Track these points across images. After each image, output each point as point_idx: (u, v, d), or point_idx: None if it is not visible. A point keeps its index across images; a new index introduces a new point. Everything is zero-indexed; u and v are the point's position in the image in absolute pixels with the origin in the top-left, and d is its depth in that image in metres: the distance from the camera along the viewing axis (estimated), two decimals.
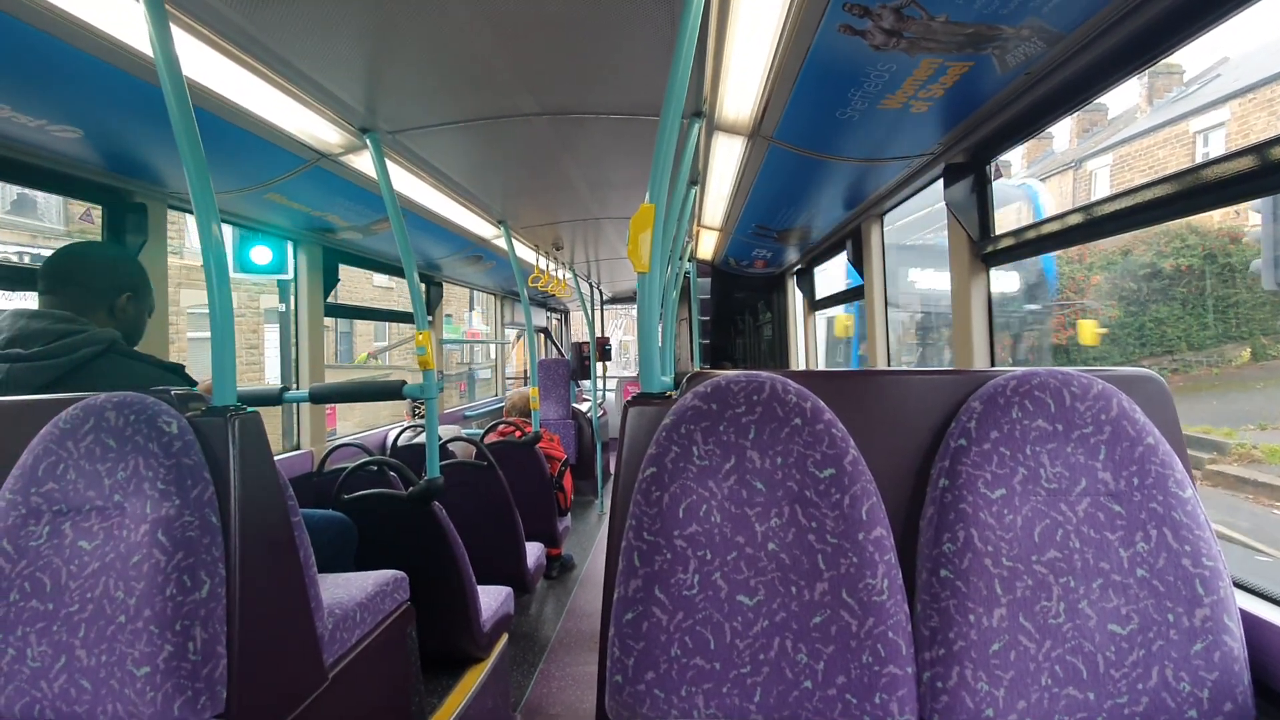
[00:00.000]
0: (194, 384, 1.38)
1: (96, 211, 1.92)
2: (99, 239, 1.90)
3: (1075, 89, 1.36)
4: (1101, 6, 1.09)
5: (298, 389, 2.38)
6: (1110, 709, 0.84)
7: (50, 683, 0.98)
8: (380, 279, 13.07)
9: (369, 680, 1.45)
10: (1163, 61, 1.28)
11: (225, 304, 1.14)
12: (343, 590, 1.47)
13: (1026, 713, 0.85)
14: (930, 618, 0.90)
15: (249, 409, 1.13)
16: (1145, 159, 10.64)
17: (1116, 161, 11.37)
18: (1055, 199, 11.74)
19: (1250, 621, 0.90)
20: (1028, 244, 1.63)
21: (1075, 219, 1.43)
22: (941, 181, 1.90)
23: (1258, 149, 0.98)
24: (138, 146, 1.67)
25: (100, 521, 1.02)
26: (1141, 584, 0.87)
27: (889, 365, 2.80)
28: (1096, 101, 1.43)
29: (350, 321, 13.37)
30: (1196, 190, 1.10)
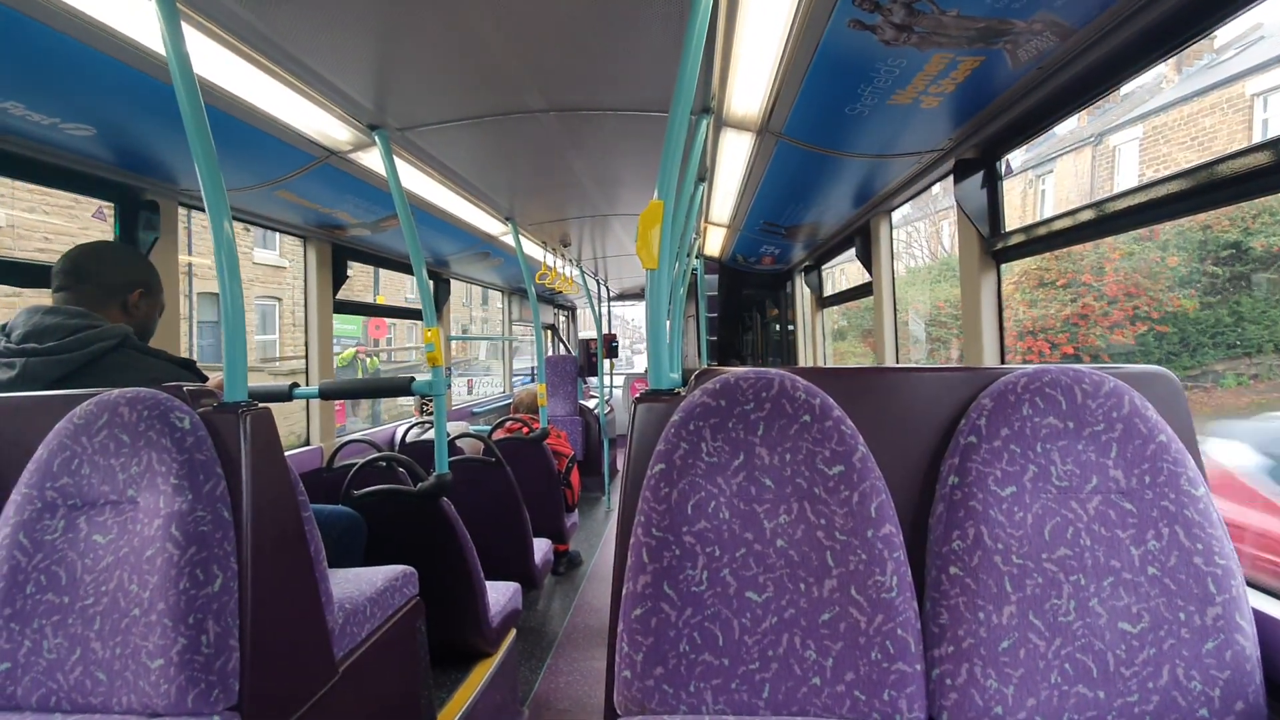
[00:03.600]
0: (205, 379, 1.40)
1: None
2: None
3: (1088, 84, 1.35)
4: (1114, 0, 1.08)
5: (307, 385, 2.40)
6: (1120, 707, 0.84)
7: (66, 674, 0.99)
8: (265, 256, 11.02)
9: (379, 674, 1.46)
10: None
11: (237, 301, 1.15)
12: (353, 585, 1.48)
13: (1036, 710, 0.84)
14: (939, 615, 0.90)
15: (260, 405, 1.14)
16: (1187, 129, 8.85)
17: (1149, 134, 9.34)
18: (1071, 182, 10.30)
19: (1263, 621, 0.90)
20: (1039, 240, 1.62)
21: (1087, 215, 1.42)
22: (951, 178, 1.89)
23: (1275, 144, 0.97)
24: (150, 144, 1.68)
25: (114, 516, 1.03)
26: (1153, 582, 0.86)
27: (896, 362, 2.78)
28: None
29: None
30: (1213, 185, 1.08)
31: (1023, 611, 0.87)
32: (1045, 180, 11.33)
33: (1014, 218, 1.69)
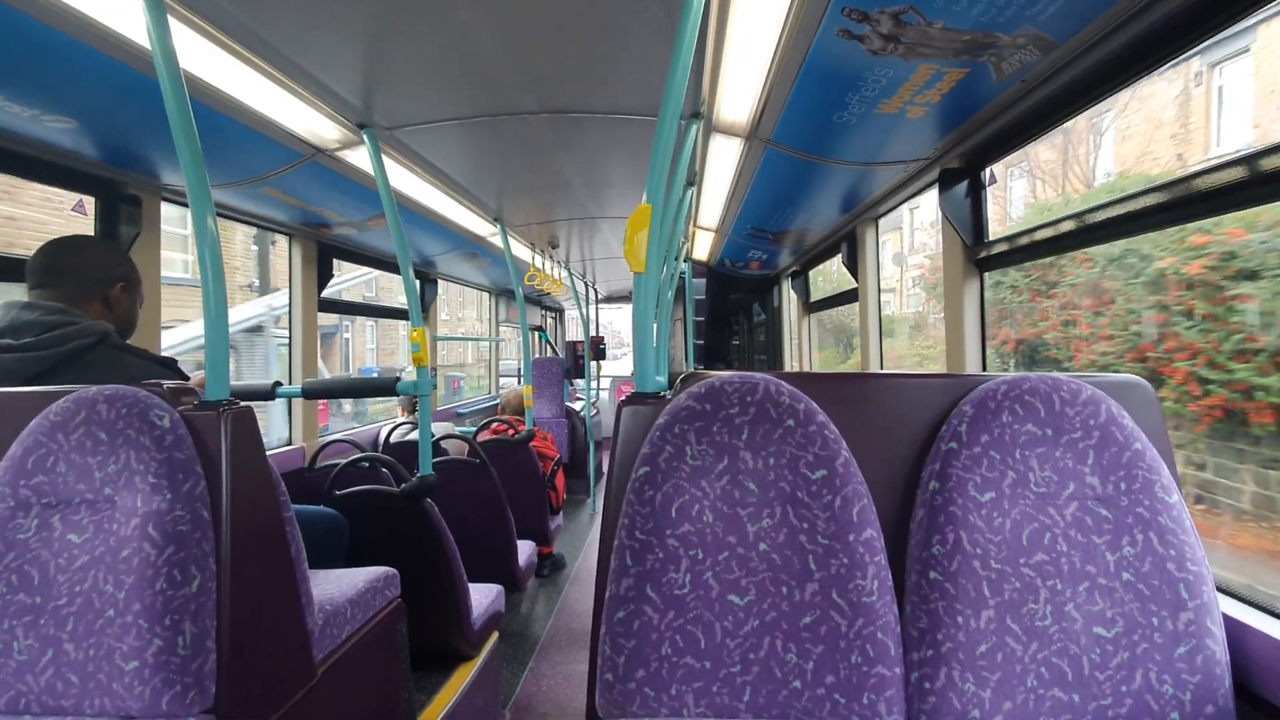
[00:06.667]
0: (187, 378, 1.38)
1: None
2: None
3: (1070, 98, 1.37)
4: (1095, 16, 1.11)
5: (291, 384, 2.38)
6: (1094, 710, 0.85)
7: (37, 676, 0.97)
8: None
9: (359, 677, 1.44)
10: None
11: (220, 298, 1.13)
12: (333, 586, 1.47)
13: (1012, 714, 0.85)
14: (919, 619, 0.91)
15: (242, 403, 1.13)
16: None
17: None
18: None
19: (1232, 625, 0.92)
20: (1021, 249, 1.64)
21: (1069, 225, 1.44)
22: (937, 186, 1.92)
23: (1253, 158, 0.99)
24: (133, 138, 1.66)
25: (90, 515, 1.02)
26: (1127, 587, 0.88)
27: (881, 368, 2.81)
28: None
29: None
30: (1193, 198, 1.11)
31: (1000, 616, 0.88)
32: (1223, 71, 4.64)
33: (1164, 140, 1.44)
